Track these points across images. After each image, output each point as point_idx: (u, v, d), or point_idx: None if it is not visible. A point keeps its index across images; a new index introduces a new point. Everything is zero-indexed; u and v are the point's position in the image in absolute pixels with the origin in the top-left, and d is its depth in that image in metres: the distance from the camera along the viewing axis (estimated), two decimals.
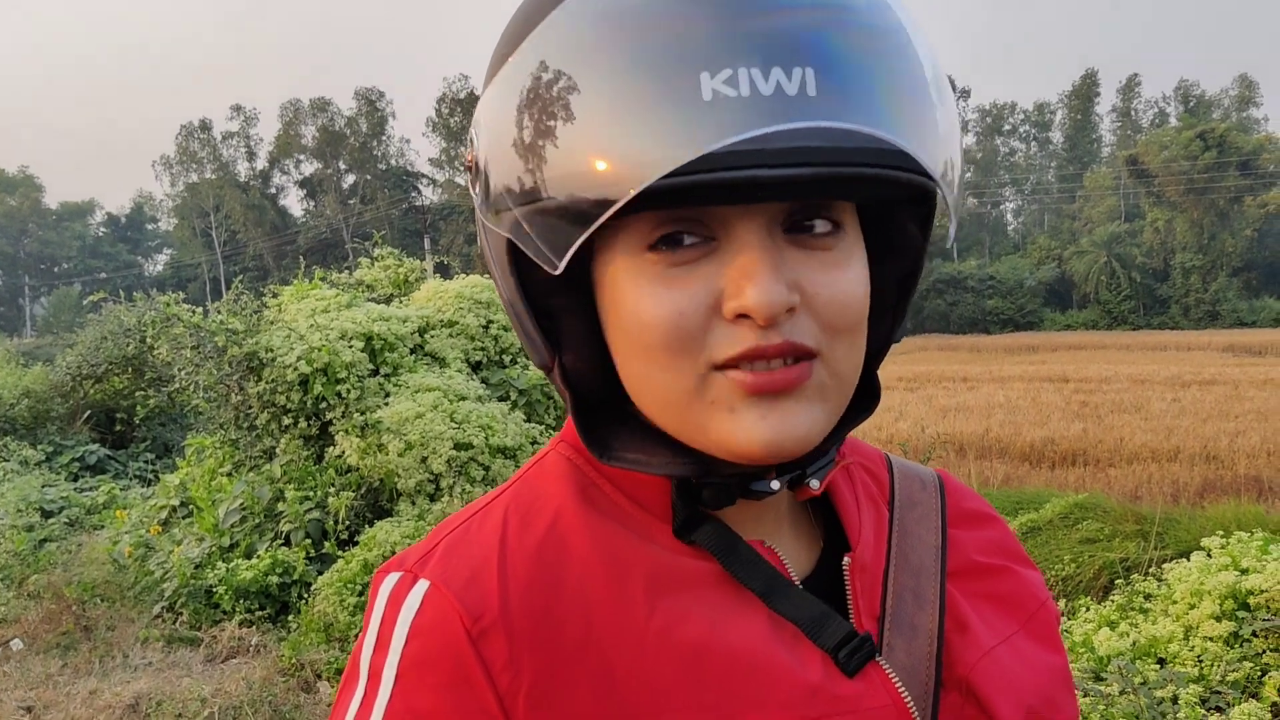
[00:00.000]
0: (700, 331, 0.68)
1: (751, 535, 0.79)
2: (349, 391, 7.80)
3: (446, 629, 0.71)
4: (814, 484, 0.78)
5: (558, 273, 0.66)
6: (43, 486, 12.19)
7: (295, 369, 7.68)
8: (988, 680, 0.81)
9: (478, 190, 0.74)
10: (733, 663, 0.72)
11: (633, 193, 0.61)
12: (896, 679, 0.77)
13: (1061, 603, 5.19)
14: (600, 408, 0.79)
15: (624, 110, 0.62)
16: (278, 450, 8.10)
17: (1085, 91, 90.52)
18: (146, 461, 15.24)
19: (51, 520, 10.87)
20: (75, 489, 12.67)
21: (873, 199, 0.75)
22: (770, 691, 0.72)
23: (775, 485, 0.76)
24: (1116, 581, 5.22)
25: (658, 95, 0.61)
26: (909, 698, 0.76)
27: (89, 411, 15.76)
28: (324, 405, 7.84)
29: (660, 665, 0.71)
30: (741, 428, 0.69)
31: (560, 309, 0.75)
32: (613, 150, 0.62)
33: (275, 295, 9.14)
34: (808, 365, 0.69)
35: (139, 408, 12.92)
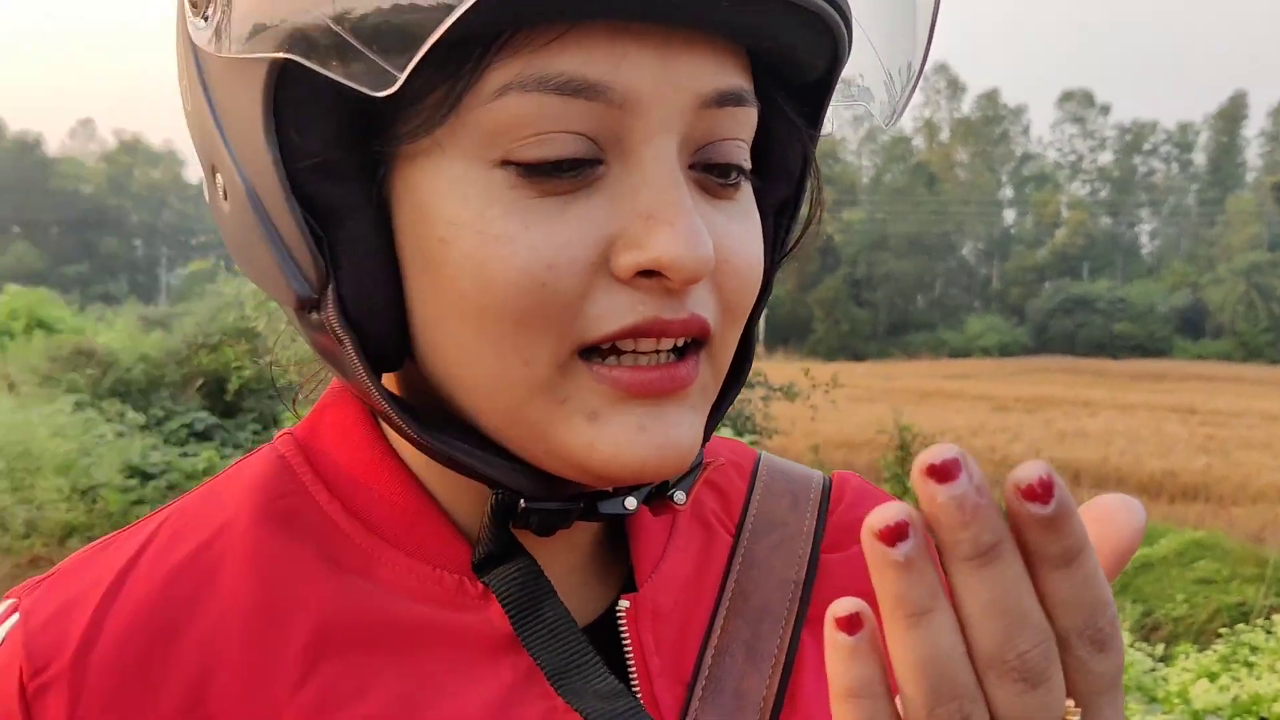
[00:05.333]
0: (576, 297, 0.45)
1: (547, 571, 0.55)
2: None
3: (2, 680, 0.50)
4: (680, 497, 0.56)
5: (392, 90, 0.42)
6: (151, 448, 12.52)
7: None
8: None
9: (213, 10, 0.48)
10: None
11: None
12: None
13: (1160, 647, 4.84)
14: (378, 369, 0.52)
15: None
16: None
17: (1232, 114, 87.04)
18: (254, 431, 15.55)
19: (150, 483, 11.14)
20: (180, 454, 12.98)
21: (787, 65, 0.53)
22: None
23: (631, 504, 0.53)
24: (1222, 631, 4.91)
25: None
26: None
27: (201, 379, 16.17)
28: None
29: None
30: (607, 441, 0.47)
31: (340, 209, 0.48)
32: None
33: None
34: (694, 360, 0.48)
35: (234, 379, 13.16)
